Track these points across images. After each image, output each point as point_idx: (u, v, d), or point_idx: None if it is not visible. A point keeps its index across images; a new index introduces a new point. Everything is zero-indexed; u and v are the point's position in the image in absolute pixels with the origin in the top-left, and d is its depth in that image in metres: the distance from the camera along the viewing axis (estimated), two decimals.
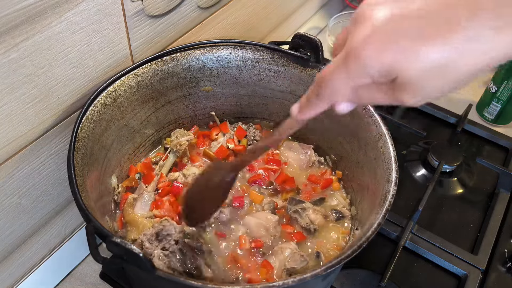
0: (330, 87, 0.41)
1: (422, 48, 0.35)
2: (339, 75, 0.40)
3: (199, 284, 0.50)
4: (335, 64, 0.40)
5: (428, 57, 0.35)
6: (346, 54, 0.39)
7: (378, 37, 0.36)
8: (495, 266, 0.82)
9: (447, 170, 0.97)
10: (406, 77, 0.36)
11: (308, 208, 0.76)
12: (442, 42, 0.34)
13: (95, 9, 0.62)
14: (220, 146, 0.86)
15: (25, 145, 0.64)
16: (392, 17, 0.36)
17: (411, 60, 0.35)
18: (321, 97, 0.43)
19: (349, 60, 0.38)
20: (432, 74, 0.36)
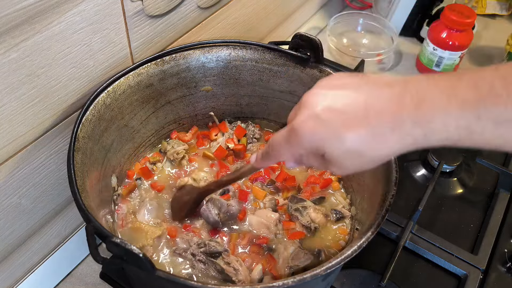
0: (276, 152, 0.54)
1: (342, 135, 0.45)
2: (282, 145, 0.52)
3: (199, 284, 0.50)
4: (281, 135, 0.51)
5: (345, 143, 0.45)
6: (290, 129, 0.49)
7: (313, 122, 0.47)
8: (495, 266, 0.82)
9: (447, 170, 0.97)
10: (330, 154, 0.47)
11: (309, 206, 0.76)
12: (354, 134, 0.45)
13: (95, 9, 0.62)
14: (219, 146, 0.86)
15: (25, 145, 0.64)
16: (325, 108, 0.46)
17: (333, 143, 0.46)
18: (270, 157, 0.56)
19: (291, 134, 0.49)
20: (349, 156, 0.46)
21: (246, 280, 0.66)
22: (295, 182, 0.82)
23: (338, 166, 0.49)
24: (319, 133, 0.46)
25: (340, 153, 0.46)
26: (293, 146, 0.50)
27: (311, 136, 0.47)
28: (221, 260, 0.67)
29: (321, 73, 0.78)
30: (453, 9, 1.11)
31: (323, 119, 0.46)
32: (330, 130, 0.46)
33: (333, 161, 0.48)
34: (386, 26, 1.28)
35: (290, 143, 0.50)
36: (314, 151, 0.49)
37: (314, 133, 0.47)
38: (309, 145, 0.48)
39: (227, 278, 0.67)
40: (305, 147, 0.49)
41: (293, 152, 0.52)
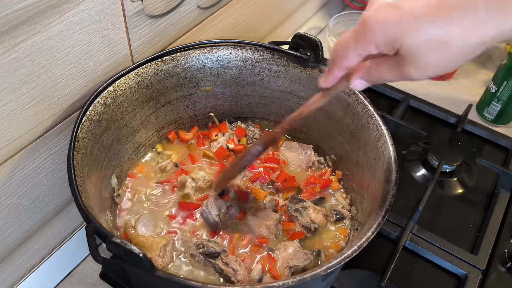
0: (342, 53, 0.46)
1: (422, 22, 0.39)
2: (349, 42, 0.45)
3: (199, 284, 0.50)
4: (348, 34, 0.45)
5: (427, 31, 0.39)
6: (358, 24, 0.43)
7: (386, 10, 0.40)
8: (495, 266, 0.82)
9: (447, 170, 0.97)
10: (407, 48, 0.40)
11: (308, 207, 0.76)
12: (442, 19, 0.38)
13: (95, 9, 0.62)
14: (220, 146, 0.86)
15: (25, 145, 0.64)
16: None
17: (411, 32, 0.39)
18: (336, 62, 0.48)
19: (360, 28, 0.43)
20: (430, 47, 0.39)
21: (245, 280, 0.66)
22: (295, 183, 0.82)
23: (417, 64, 0.41)
24: (394, 20, 0.40)
25: (420, 43, 0.40)
26: (363, 42, 0.43)
27: (384, 25, 0.41)
28: (219, 261, 0.67)
29: (321, 73, 0.78)
30: None
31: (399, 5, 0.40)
32: (408, 16, 0.39)
33: (411, 57, 0.41)
34: None
35: (359, 38, 0.43)
36: (388, 47, 0.42)
37: (388, 21, 0.40)
38: (382, 37, 0.41)
39: (226, 278, 0.67)
40: (377, 41, 0.42)
41: (361, 51, 0.44)
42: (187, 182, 0.79)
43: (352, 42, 0.44)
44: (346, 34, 0.45)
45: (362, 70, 0.47)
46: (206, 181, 0.80)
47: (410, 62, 0.41)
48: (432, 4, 0.39)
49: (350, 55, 0.46)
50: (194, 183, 0.80)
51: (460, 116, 1.09)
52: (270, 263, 0.71)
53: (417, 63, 0.41)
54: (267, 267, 0.70)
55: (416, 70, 0.42)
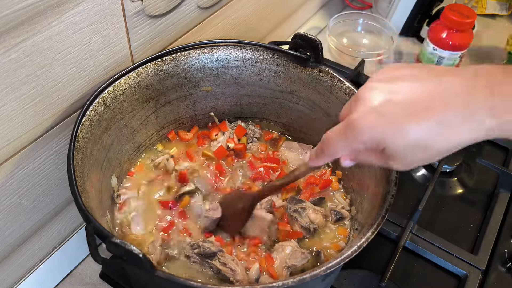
0: (332, 149, 0.51)
1: (404, 129, 0.43)
2: (339, 141, 0.49)
3: (199, 284, 0.50)
4: (337, 131, 0.49)
5: (408, 137, 0.43)
6: (346, 124, 0.47)
7: (372, 115, 0.45)
8: (495, 266, 0.82)
9: (447, 170, 0.97)
10: (392, 149, 0.45)
11: (308, 207, 0.76)
12: (420, 126, 0.43)
13: (95, 9, 0.62)
14: (220, 146, 0.86)
15: (25, 145, 0.64)
16: (384, 102, 0.45)
17: (396, 138, 0.44)
18: (326, 153, 0.53)
19: (348, 130, 0.47)
20: (412, 149, 0.44)
21: (244, 279, 0.66)
22: (294, 183, 0.82)
23: (400, 161, 0.46)
24: (379, 126, 0.44)
25: (403, 147, 0.44)
26: (351, 142, 0.47)
27: (370, 131, 0.45)
28: (216, 261, 0.67)
29: (321, 73, 0.78)
30: (453, 9, 1.11)
31: (383, 112, 0.44)
32: (392, 123, 0.44)
33: (395, 156, 0.46)
34: (386, 26, 1.28)
35: (347, 138, 0.48)
36: (374, 147, 0.46)
37: (374, 127, 0.44)
38: (368, 140, 0.46)
39: (224, 278, 0.67)
40: (363, 142, 0.46)
41: (350, 149, 0.49)
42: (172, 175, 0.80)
43: (341, 141, 0.49)
44: (334, 131, 0.50)
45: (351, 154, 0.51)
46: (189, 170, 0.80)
47: (394, 159, 0.47)
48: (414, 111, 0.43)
49: (340, 149, 0.50)
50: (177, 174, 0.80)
51: None
52: (268, 263, 0.70)
53: (400, 161, 0.47)
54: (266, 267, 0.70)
55: (400, 165, 0.48)
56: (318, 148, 0.55)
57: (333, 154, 0.52)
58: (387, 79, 0.47)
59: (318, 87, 0.80)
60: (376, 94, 0.45)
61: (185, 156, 0.86)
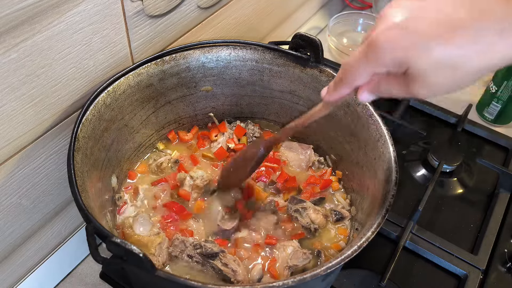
0: (351, 72, 0.46)
1: (432, 45, 0.39)
2: (359, 62, 0.45)
3: (199, 284, 0.50)
4: (357, 53, 0.45)
5: (436, 54, 0.39)
6: (367, 44, 0.43)
7: (395, 31, 0.41)
8: (495, 266, 0.82)
9: (447, 170, 0.97)
10: (415, 69, 0.41)
11: (308, 207, 0.76)
12: (450, 42, 0.38)
13: (95, 9, 0.62)
14: (220, 147, 0.86)
15: (25, 145, 0.64)
16: (409, 18, 0.41)
17: (420, 55, 0.39)
18: (344, 81, 0.48)
19: (368, 49, 0.43)
20: (439, 70, 0.40)
21: (245, 280, 0.66)
22: (295, 183, 0.82)
23: (424, 84, 0.42)
24: (403, 41, 0.40)
25: (429, 64, 0.40)
26: (372, 62, 0.43)
27: (393, 46, 0.41)
28: (218, 261, 0.67)
29: (321, 73, 0.78)
30: None
31: (408, 27, 0.40)
32: (417, 37, 0.40)
33: (419, 77, 0.41)
34: None
35: (368, 58, 0.43)
36: (396, 68, 0.42)
37: (397, 41, 0.41)
38: (390, 58, 0.42)
39: (225, 278, 0.67)
40: (385, 61, 0.42)
41: (371, 72, 0.45)
42: (186, 180, 0.79)
43: (362, 62, 0.45)
44: (354, 54, 0.46)
45: (370, 84, 0.47)
46: (204, 180, 0.79)
47: (418, 82, 0.42)
48: (440, 24, 0.39)
49: (360, 74, 0.46)
50: (192, 181, 0.79)
51: (460, 116, 1.09)
52: (270, 262, 0.71)
53: (424, 84, 0.42)
54: (267, 267, 0.70)
55: (423, 89, 0.43)
56: (336, 78, 0.50)
57: (352, 81, 0.47)
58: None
59: (318, 87, 0.80)
60: (402, 10, 0.41)
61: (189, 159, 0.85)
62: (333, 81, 0.51)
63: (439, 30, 0.39)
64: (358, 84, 0.48)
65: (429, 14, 0.40)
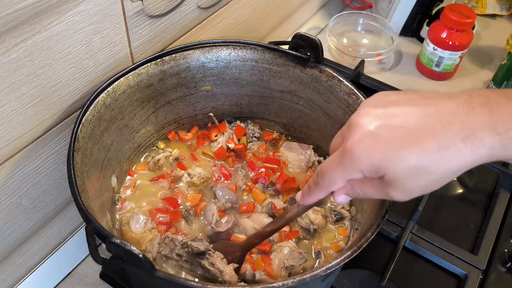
0: (328, 179, 0.49)
1: (405, 153, 0.41)
2: (335, 169, 0.47)
3: (199, 284, 0.50)
4: (332, 160, 0.47)
5: (410, 162, 0.41)
6: (342, 152, 0.45)
7: (369, 140, 0.43)
8: (495, 266, 0.82)
9: None
10: (392, 175, 0.43)
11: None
12: (420, 149, 0.41)
13: (95, 9, 0.62)
14: (220, 147, 0.86)
15: (25, 145, 0.64)
16: (381, 126, 0.43)
17: (395, 163, 0.42)
18: (320, 186, 0.50)
19: (344, 157, 0.45)
20: (413, 175, 0.42)
21: (232, 280, 0.65)
22: (295, 184, 0.82)
23: (401, 189, 0.44)
24: (378, 151, 0.42)
25: (404, 172, 0.42)
26: (348, 170, 0.45)
27: (369, 155, 0.43)
28: (206, 261, 0.66)
29: (321, 73, 0.78)
30: (453, 9, 1.11)
31: (381, 136, 0.43)
32: (391, 147, 0.42)
33: (395, 183, 0.43)
34: (386, 26, 1.28)
35: (344, 166, 0.45)
36: (372, 174, 0.44)
37: (373, 152, 0.43)
38: (367, 167, 0.44)
39: (213, 279, 0.66)
40: (362, 170, 0.44)
41: (347, 177, 0.47)
42: (183, 177, 0.79)
43: (338, 169, 0.47)
44: (328, 161, 0.48)
45: (346, 187, 0.49)
46: (201, 178, 0.79)
47: (394, 187, 0.44)
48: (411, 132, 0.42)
49: (336, 180, 0.48)
50: (189, 178, 0.79)
51: None
52: (266, 263, 0.70)
53: (400, 188, 0.44)
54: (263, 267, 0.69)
55: (400, 193, 0.45)
56: (310, 183, 0.52)
57: (328, 186, 0.50)
58: (381, 104, 0.45)
59: (318, 87, 0.80)
60: (371, 119, 0.44)
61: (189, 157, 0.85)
62: (307, 186, 0.52)
63: (411, 138, 0.41)
64: (334, 189, 0.50)
65: (398, 122, 0.43)
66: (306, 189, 0.53)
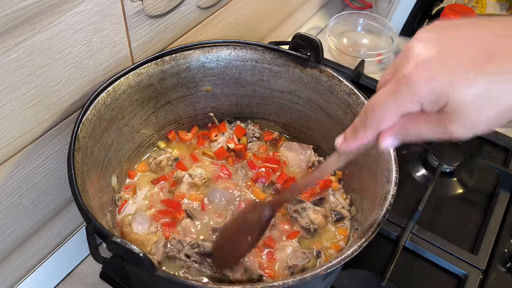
0: (378, 114, 0.42)
1: (473, 76, 0.36)
2: (387, 101, 0.40)
3: (199, 284, 0.50)
4: (383, 93, 0.41)
5: (478, 86, 0.36)
6: (396, 82, 0.39)
7: (430, 65, 0.37)
8: (495, 266, 0.82)
9: (447, 170, 0.97)
10: (455, 104, 0.37)
11: (308, 208, 0.76)
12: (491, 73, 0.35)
13: (95, 9, 0.62)
14: (221, 147, 0.86)
15: (25, 145, 0.64)
16: (443, 50, 0.37)
17: (461, 88, 0.36)
18: (368, 125, 0.43)
19: (399, 86, 0.39)
20: (481, 103, 0.36)
21: (242, 278, 0.66)
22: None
23: (464, 122, 0.37)
24: (440, 76, 0.37)
25: (470, 100, 0.36)
26: (403, 102, 0.39)
27: (429, 82, 0.37)
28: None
29: (321, 73, 0.78)
30: (453, 9, 1.11)
31: (443, 60, 0.37)
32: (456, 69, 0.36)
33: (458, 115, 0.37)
34: (386, 26, 1.28)
35: (399, 97, 0.39)
36: (432, 104, 0.38)
37: (434, 77, 0.37)
38: (427, 95, 0.38)
39: (223, 278, 0.67)
40: (420, 99, 0.38)
41: (401, 111, 0.40)
42: (184, 177, 0.79)
43: (391, 102, 0.40)
44: (379, 94, 0.41)
45: (395, 127, 0.42)
46: (202, 178, 0.79)
47: (457, 120, 0.38)
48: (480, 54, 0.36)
49: (388, 115, 0.41)
50: (191, 179, 0.80)
51: None
52: (269, 262, 0.70)
53: (464, 121, 0.38)
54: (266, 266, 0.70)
55: (463, 128, 0.38)
56: (355, 123, 0.45)
57: (378, 124, 0.42)
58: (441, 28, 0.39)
59: (318, 87, 0.80)
60: (431, 42, 0.38)
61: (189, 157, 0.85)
62: (352, 127, 0.46)
63: (480, 60, 0.36)
64: (384, 127, 0.42)
65: (465, 44, 0.37)
66: (349, 132, 0.46)
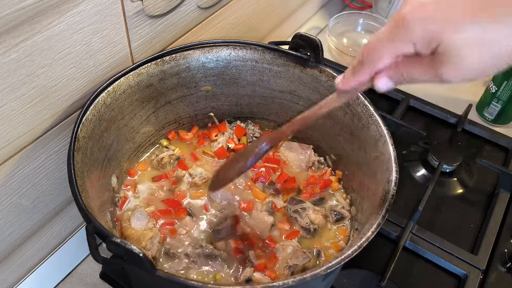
0: (374, 54, 0.43)
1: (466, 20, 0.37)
2: (383, 42, 0.42)
3: (199, 284, 0.50)
4: (380, 34, 0.42)
5: (471, 30, 0.36)
6: (393, 22, 0.41)
7: (427, 7, 0.38)
8: (495, 266, 0.82)
9: (447, 170, 0.97)
10: (448, 46, 0.38)
11: (308, 208, 0.76)
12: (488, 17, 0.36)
13: (95, 9, 0.62)
14: (221, 146, 0.86)
15: (25, 145, 0.64)
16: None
17: (454, 30, 0.37)
18: (364, 64, 0.45)
19: (396, 27, 0.40)
20: (474, 47, 0.37)
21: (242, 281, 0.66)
22: (295, 183, 0.82)
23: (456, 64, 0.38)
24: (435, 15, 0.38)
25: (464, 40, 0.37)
26: (398, 42, 0.40)
27: (424, 24, 0.38)
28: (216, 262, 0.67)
29: (321, 73, 0.78)
30: None
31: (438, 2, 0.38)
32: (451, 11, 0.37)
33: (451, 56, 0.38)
34: None
35: (394, 38, 0.41)
36: (426, 43, 0.39)
37: (429, 19, 0.38)
38: (420, 36, 0.39)
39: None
40: (414, 40, 0.39)
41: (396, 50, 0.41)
42: (184, 177, 0.79)
43: (387, 41, 0.41)
44: (377, 34, 0.43)
45: (390, 68, 0.44)
46: (202, 178, 0.80)
47: (448, 62, 0.39)
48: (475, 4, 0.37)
49: (384, 54, 0.42)
50: (191, 179, 0.80)
51: (460, 116, 1.09)
52: (271, 262, 0.70)
53: (455, 64, 0.39)
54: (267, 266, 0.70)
55: (454, 71, 0.39)
56: (353, 63, 0.46)
57: (374, 63, 0.44)
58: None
59: (318, 87, 0.80)
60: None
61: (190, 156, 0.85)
62: (350, 67, 0.47)
63: (473, 8, 0.37)
64: (380, 67, 0.44)
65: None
66: (348, 71, 0.48)
